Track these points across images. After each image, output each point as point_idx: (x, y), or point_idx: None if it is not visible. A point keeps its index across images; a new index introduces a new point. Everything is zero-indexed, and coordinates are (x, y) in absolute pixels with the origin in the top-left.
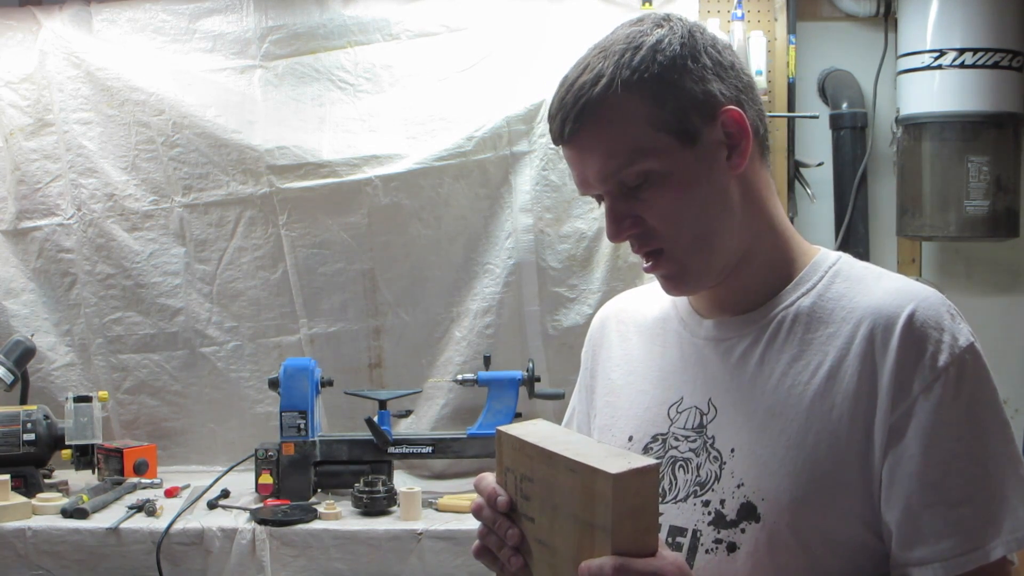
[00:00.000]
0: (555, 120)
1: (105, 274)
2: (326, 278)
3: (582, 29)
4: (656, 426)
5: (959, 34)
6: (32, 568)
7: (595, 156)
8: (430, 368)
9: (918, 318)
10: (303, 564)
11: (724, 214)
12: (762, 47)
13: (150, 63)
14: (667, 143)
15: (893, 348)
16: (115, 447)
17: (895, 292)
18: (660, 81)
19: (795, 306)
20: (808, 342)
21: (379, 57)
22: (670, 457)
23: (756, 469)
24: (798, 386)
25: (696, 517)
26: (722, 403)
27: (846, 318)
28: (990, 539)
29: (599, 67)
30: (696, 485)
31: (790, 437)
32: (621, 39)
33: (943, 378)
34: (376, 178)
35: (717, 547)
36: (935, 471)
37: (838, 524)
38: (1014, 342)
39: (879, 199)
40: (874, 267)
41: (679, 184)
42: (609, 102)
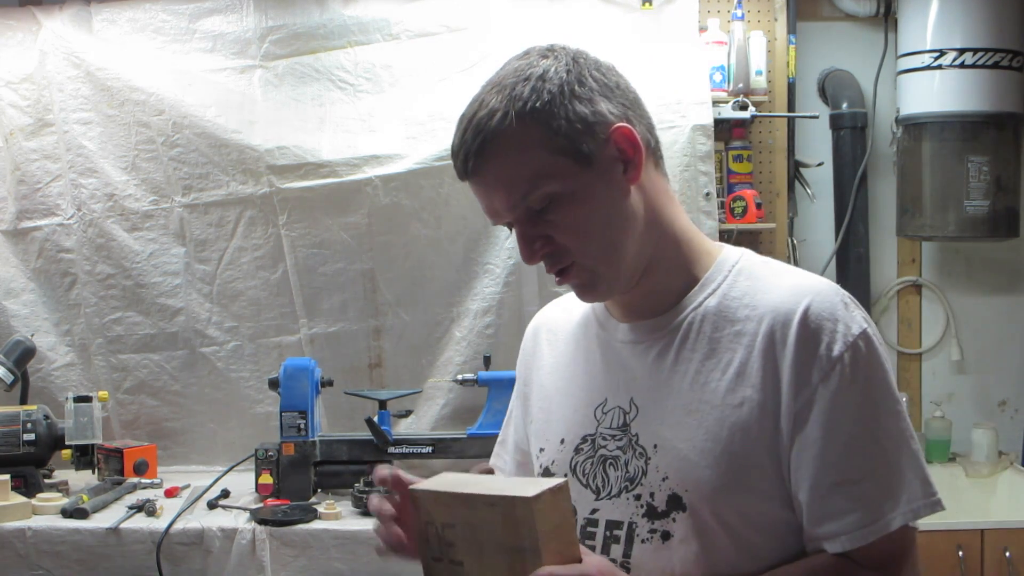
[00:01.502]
0: (458, 157)
1: (105, 274)
2: (326, 278)
3: (582, 29)
4: (584, 428)
5: (959, 34)
6: (32, 568)
7: (500, 186)
8: (430, 368)
9: (812, 312)
10: (303, 564)
11: (627, 224)
12: (762, 47)
13: (150, 63)
14: (565, 165)
15: (791, 342)
16: (115, 447)
17: (792, 289)
18: (551, 108)
19: (702, 307)
20: (716, 340)
21: (379, 57)
22: (600, 456)
23: (678, 462)
24: (711, 383)
25: (630, 511)
26: (643, 402)
27: (749, 316)
28: (889, 511)
29: (493, 102)
30: (627, 481)
31: (707, 431)
32: (511, 73)
33: (839, 366)
34: (376, 178)
35: (652, 536)
36: (836, 452)
37: (758, 507)
38: (1014, 342)
39: (879, 199)
40: (774, 263)
41: (581, 201)
42: (506, 134)
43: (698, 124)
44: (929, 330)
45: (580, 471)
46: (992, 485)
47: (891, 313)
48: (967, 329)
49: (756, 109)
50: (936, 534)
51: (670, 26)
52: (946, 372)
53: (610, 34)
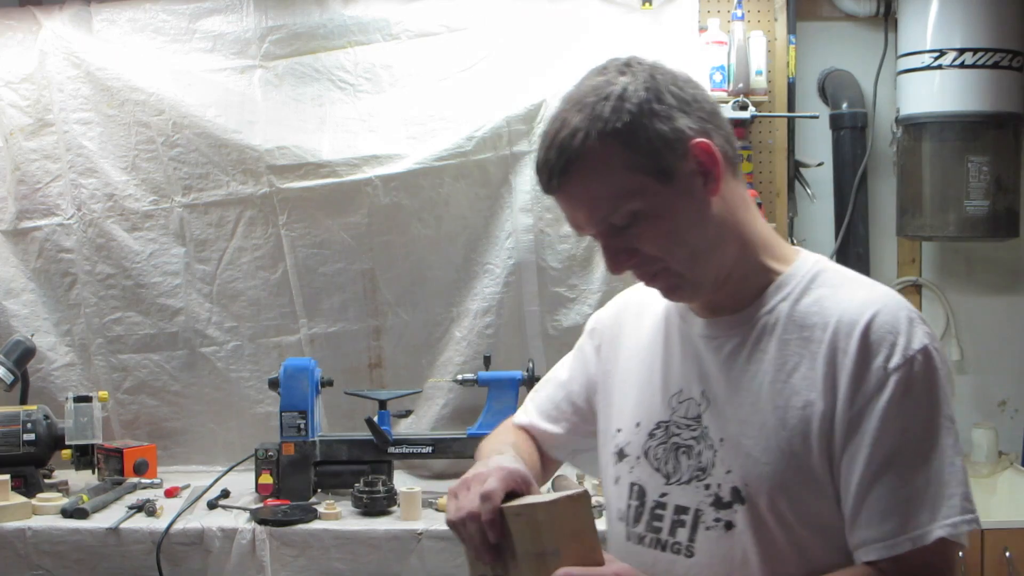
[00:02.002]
0: (542, 174)
1: (105, 274)
2: (326, 278)
3: (582, 29)
4: (660, 414)
5: (959, 34)
6: (32, 568)
7: (583, 204)
8: (430, 368)
9: (875, 325)
10: (303, 564)
11: (709, 233)
12: (762, 47)
13: (150, 63)
14: (646, 183)
15: (852, 352)
16: (115, 447)
17: (860, 300)
18: (631, 128)
19: (776, 310)
20: (786, 344)
21: (379, 57)
22: (672, 443)
23: (741, 458)
24: (777, 384)
25: (699, 498)
26: (714, 396)
27: (818, 323)
28: (927, 522)
29: (575, 121)
30: (698, 470)
31: (769, 430)
32: (591, 91)
33: (894, 378)
34: (376, 178)
35: (717, 524)
36: (880, 460)
37: (813, 507)
38: (1014, 342)
39: (879, 199)
40: (848, 272)
41: (663, 217)
42: (588, 155)
43: None
44: None
45: (652, 455)
46: (992, 485)
47: None
48: (967, 329)
49: (756, 109)
50: None
51: (670, 26)
52: None
53: (610, 34)
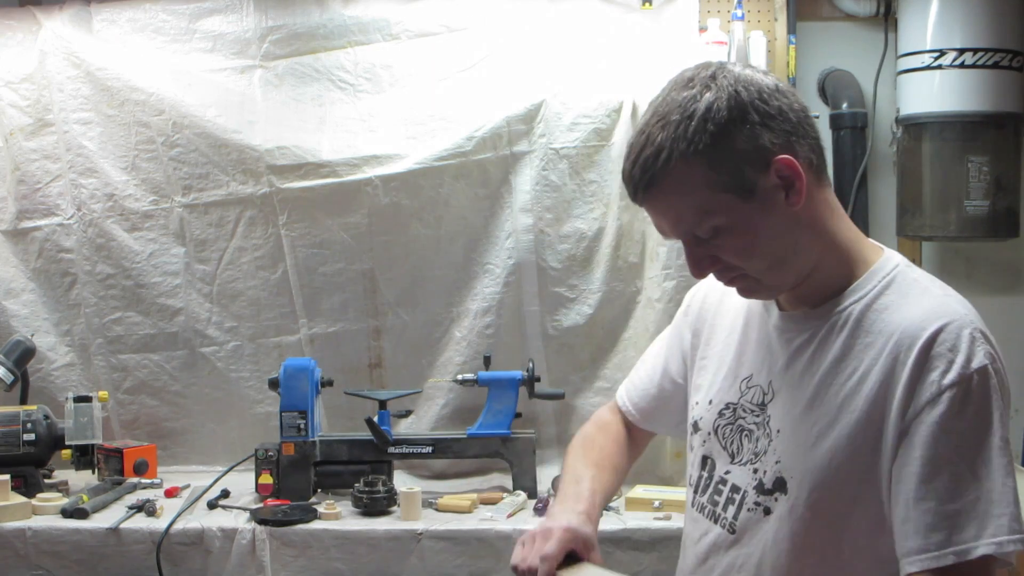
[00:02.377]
0: (628, 186)
1: (105, 274)
2: (326, 278)
3: (582, 29)
4: (730, 395)
5: (959, 34)
6: (32, 568)
7: (667, 217)
8: (430, 368)
9: (938, 340)
10: (303, 564)
11: (792, 243)
12: (762, 47)
13: (150, 63)
14: (728, 200)
15: (910, 364)
16: (115, 447)
17: (927, 312)
18: (714, 148)
19: (847, 311)
20: (850, 347)
21: (379, 57)
22: (738, 425)
23: (791, 451)
24: (835, 385)
25: (748, 480)
26: (779, 387)
27: (883, 331)
28: (973, 539)
29: (659, 139)
30: (753, 454)
31: (820, 429)
32: (676, 107)
33: (948, 393)
34: (376, 178)
35: (756, 508)
36: (931, 474)
37: (850, 510)
38: (1014, 342)
39: (879, 199)
40: (925, 279)
41: (745, 232)
42: (671, 173)
43: None
44: None
45: (720, 434)
46: None
47: None
48: None
49: None
50: None
51: (670, 26)
52: None
53: (610, 34)
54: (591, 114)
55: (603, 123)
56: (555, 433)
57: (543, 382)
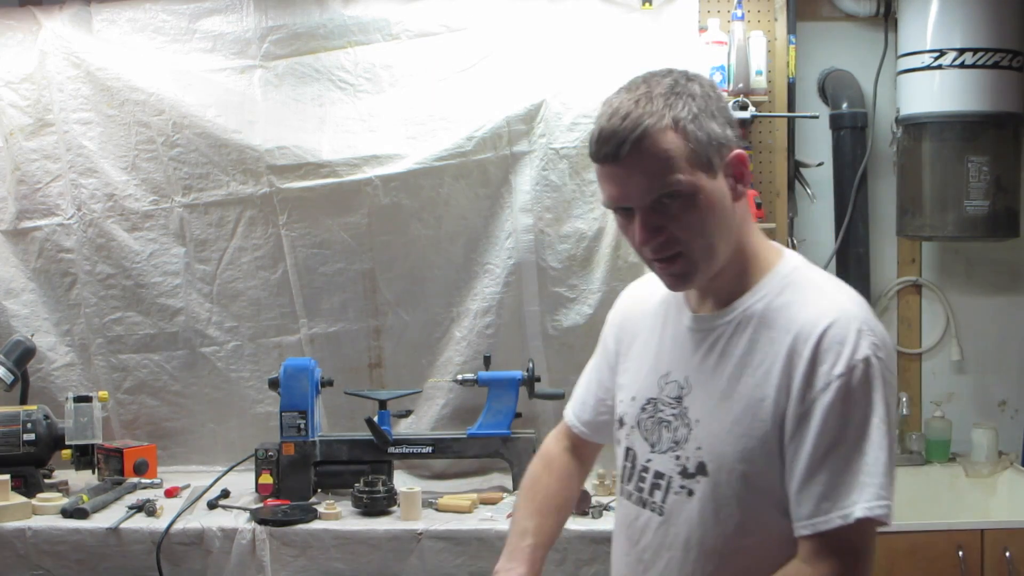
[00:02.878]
0: (609, 142)
1: (105, 274)
2: (326, 278)
3: (582, 29)
4: (651, 391)
5: (959, 34)
6: (32, 568)
7: (643, 176)
8: (430, 368)
9: (827, 335)
10: (303, 564)
11: (726, 232)
12: (762, 47)
13: (150, 63)
14: (696, 172)
15: (805, 357)
16: (115, 447)
17: (820, 311)
18: (697, 125)
19: (750, 311)
20: (756, 342)
21: (379, 57)
22: (658, 418)
23: (710, 438)
24: (744, 377)
25: (671, 466)
26: (694, 381)
27: (784, 327)
28: (852, 504)
29: (649, 107)
30: (673, 443)
31: (734, 417)
32: (666, 86)
33: (836, 382)
34: (376, 178)
35: (681, 491)
36: (821, 451)
37: (765, 484)
38: (1014, 342)
39: (879, 199)
40: (820, 278)
41: (701, 204)
42: (659, 135)
43: None
44: (929, 330)
45: (643, 427)
46: (992, 485)
47: (891, 313)
48: (967, 329)
49: (756, 109)
50: (936, 534)
51: (670, 26)
52: (946, 372)
53: (610, 34)
54: (591, 114)
55: None
56: None
57: (543, 382)
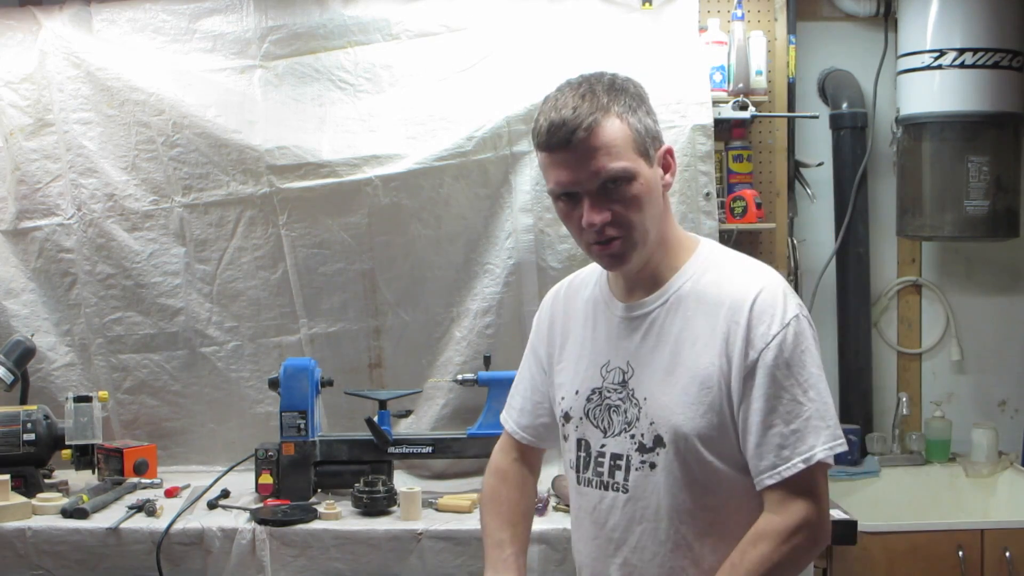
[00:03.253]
0: (561, 130)
1: (105, 274)
2: (326, 278)
3: (582, 29)
4: (593, 382)
5: (959, 34)
6: (32, 568)
7: (595, 158)
8: (430, 368)
9: (759, 301)
10: (303, 564)
11: (656, 216)
12: (762, 47)
13: (150, 63)
14: (638, 159)
15: (742, 324)
16: (115, 447)
17: (746, 282)
18: (638, 115)
19: (680, 291)
20: (689, 319)
21: (379, 57)
22: (606, 404)
23: (661, 411)
24: (684, 351)
25: (627, 446)
26: (637, 364)
27: (715, 302)
28: (811, 448)
29: (596, 101)
30: (625, 424)
31: (681, 388)
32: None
33: (775, 340)
34: (376, 178)
35: (643, 465)
36: (773, 405)
37: (720, 446)
38: (1014, 342)
39: (879, 199)
40: (735, 256)
41: (642, 188)
42: (608, 125)
43: (698, 124)
44: (929, 330)
45: (591, 415)
46: (992, 485)
47: (891, 313)
48: (967, 329)
49: (756, 109)
50: (936, 534)
51: (670, 26)
52: (946, 372)
53: (610, 34)
54: None
55: None
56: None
57: None
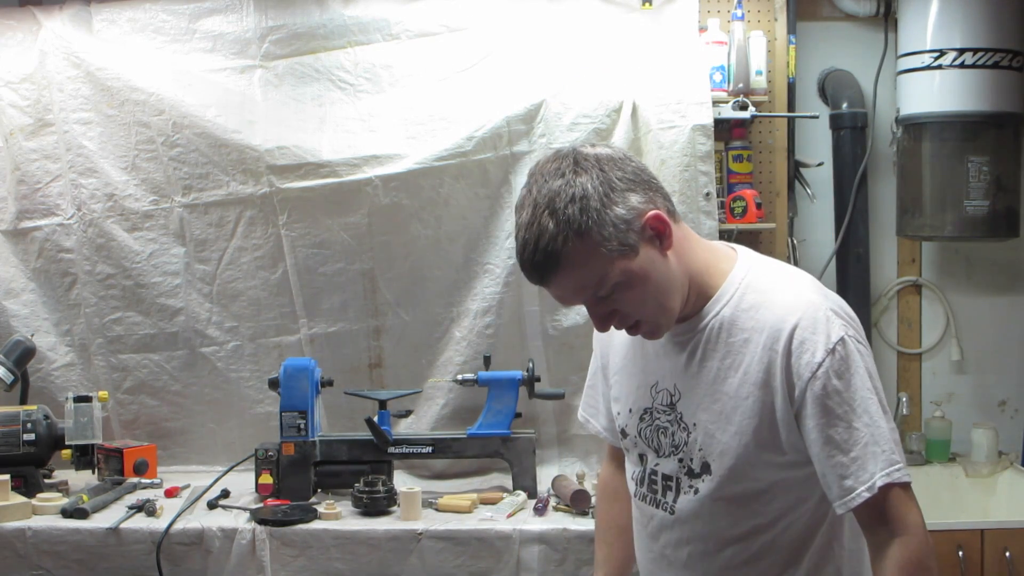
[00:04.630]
0: (531, 272)
1: (105, 274)
2: (326, 278)
3: (582, 29)
4: (644, 402)
5: (959, 34)
6: (32, 568)
7: (570, 291)
8: (430, 368)
9: (799, 329)
10: (303, 564)
11: (671, 282)
12: (762, 47)
13: (150, 63)
14: (617, 261)
15: (781, 352)
16: (115, 447)
17: (786, 307)
18: (599, 223)
19: (719, 316)
20: (731, 345)
21: (379, 57)
22: (656, 425)
23: (708, 439)
24: (727, 379)
25: (676, 468)
26: (683, 388)
27: (754, 327)
28: (871, 476)
29: (551, 227)
30: (673, 447)
31: (725, 417)
32: (556, 195)
33: (822, 368)
34: (376, 178)
35: (690, 489)
36: (828, 434)
37: (762, 473)
38: (1014, 342)
39: (879, 199)
40: (775, 276)
41: (636, 282)
42: (570, 254)
43: (698, 124)
44: (929, 330)
45: (643, 435)
46: (992, 485)
47: (891, 313)
48: (967, 329)
49: (756, 109)
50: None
51: (670, 26)
52: (946, 372)
53: (610, 34)
54: (591, 114)
55: (603, 123)
56: (555, 433)
57: (543, 382)
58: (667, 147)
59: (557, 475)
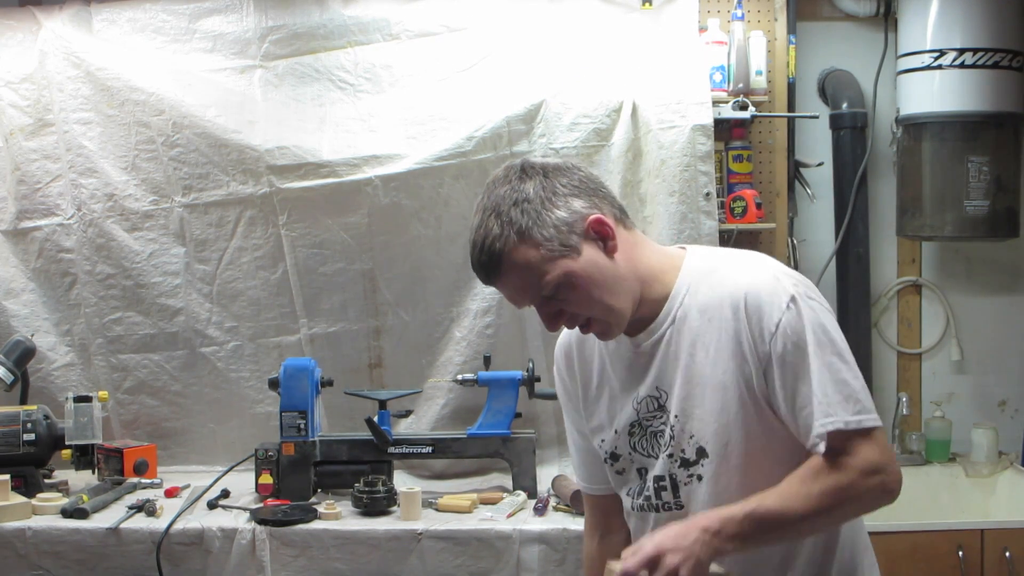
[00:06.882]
0: (480, 273)
1: (105, 274)
2: (326, 278)
3: (582, 29)
4: (629, 417)
5: (959, 34)
6: (32, 568)
7: (516, 290)
8: (430, 368)
9: (751, 293)
10: (303, 564)
11: (618, 283)
12: (762, 47)
13: (150, 63)
14: (560, 261)
15: (743, 321)
16: (115, 447)
17: (737, 278)
18: (540, 224)
19: (681, 307)
20: (697, 330)
21: (379, 57)
22: (649, 432)
23: (696, 423)
24: (700, 363)
25: (666, 466)
26: (665, 386)
27: (713, 304)
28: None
29: (495, 229)
30: (669, 446)
31: (708, 397)
32: (501, 200)
33: (778, 331)
34: (376, 178)
35: (691, 480)
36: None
37: (754, 438)
38: (1014, 342)
39: (879, 199)
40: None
41: (579, 283)
42: (512, 253)
43: (698, 124)
44: (929, 330)
45: (639, 448)
46: (992, 485)
47: (891, 313)
48: (967, 329)
49: (756, 109)
50: (936, 534)
51: (670, 26)
52: (946, 372)
53: (610, 34)
54: (591, 114)
55: (603, 123)
56: (555, 433)
57: (543, 382)
58: (667, 147)
59: (557, 475)
